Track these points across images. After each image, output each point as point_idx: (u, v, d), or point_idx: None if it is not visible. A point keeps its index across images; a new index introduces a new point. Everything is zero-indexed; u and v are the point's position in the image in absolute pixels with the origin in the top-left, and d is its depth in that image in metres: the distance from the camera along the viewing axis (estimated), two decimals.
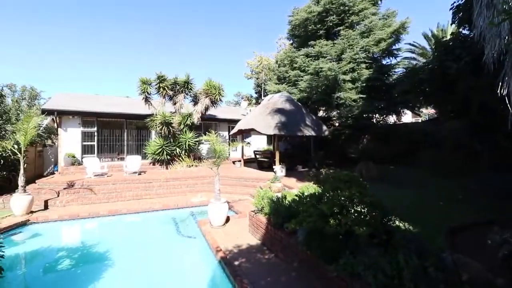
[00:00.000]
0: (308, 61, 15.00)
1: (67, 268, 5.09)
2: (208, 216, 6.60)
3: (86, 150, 12.63)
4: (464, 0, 6.78)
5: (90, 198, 8.95)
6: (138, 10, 62.05)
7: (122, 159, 12.84)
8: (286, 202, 5.07)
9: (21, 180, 7.59)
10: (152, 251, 5.77)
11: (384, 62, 15.39)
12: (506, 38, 3.17)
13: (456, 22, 7.39)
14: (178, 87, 13.38)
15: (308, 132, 11.52)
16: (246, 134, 15.66)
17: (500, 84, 3.35)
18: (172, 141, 13.26)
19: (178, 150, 13.20)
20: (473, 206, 5.75)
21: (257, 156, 14.09)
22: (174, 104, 13.59)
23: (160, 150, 12.91)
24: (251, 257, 4.71)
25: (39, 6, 48.15)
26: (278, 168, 10.72)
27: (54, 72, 59.19)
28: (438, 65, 7.19)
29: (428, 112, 25.94)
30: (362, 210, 3.37)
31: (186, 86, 13.36)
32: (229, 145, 8.71)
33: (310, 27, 15.63)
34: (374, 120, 14.67)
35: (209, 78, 13.57)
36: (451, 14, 7.31)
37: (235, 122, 14.67)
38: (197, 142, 13.84)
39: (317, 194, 4.16)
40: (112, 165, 12.20)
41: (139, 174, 11.30)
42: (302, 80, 14.80)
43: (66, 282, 4.47)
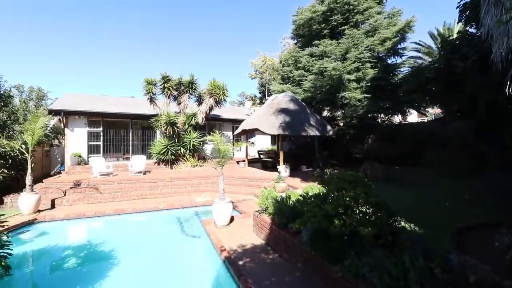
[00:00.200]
0: (312, 60, 14.94)
1: (74, 266, 5.15)
2: (212, 215, 6.63)
3: (92, 150, 12.77)
4: None
5: (96, 198, 9.05)
6: (142, 11, 62.54)
7: (128, 159, 12.96)
8: (291, 202, 5.07)
9: (28, 179, 7.72)
10: (157, 250, 5.82)
11: (389, 61, 15.26)
12: None
13: (463, 20, 7.28)
14: (182, 87, 13.44)
15: (312, 132, 11.48)
16: (250, 134, 15.67)
17: (508, 83, 3.30)
18: (176, 141, 13.33)
19: (182, 150, 13.27)
20: (479, 206, 5.67)
21: (261, 156, 14.09)
22: (179, 104, 13.66)
23: (165, 150, 12.99)
24: (255, 257, 4.72)
25: (43, 8, 48.85)
26: (282, 168, 10.70)
27: (61, 73, 60.03)
28: (444, 64, 7.10)
29: (434, 111, 25.65)
30: (367, 211, 3.35)
31: (190, 86, 13.41)
32: (233, 145, 8.73)
33: (315, 27, 15.57)
34: (379, 120, 14.56)
35: (213, 78, 13.64)
36: (458, 13, 7.21)
37: (239, 122, 14.68)
38: (201, 142, 13.90)
39: (321, 194, 4.14)
40: (117, 164, 12.32)
41: (144, 173, 11.39)
42: (306, 80, 14.75)
43: (72, 280, 4.53)
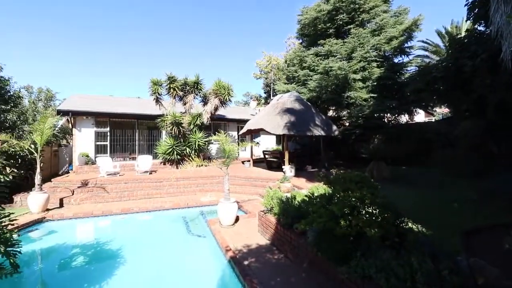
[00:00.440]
0: (317, 60, 14.87)
1: (81, 264, 5.23)
2: (217, 215, 6.65)
3: (99, 150, 12.94)
4: None
5: (103, 197, 9.16)
6: (147, 11, 63.09)
7: (134, 159, 13.08)
8: (296, 202, 5.05)
9: (37, 178, 7.86)
10: (162, 249, 5.86)
11: (396, 60, 15.09)
12: None
13: (471, 18, 7.15)
14: (188, 88, 13.51)
15: (317, 132, 11.41)
16: (255, 134, 15.67)
17: None
18: (182, 141, 13.41)
19: (188, 150, 13.34)
20: (489, 207, 5.57)
21: (266, 156, 14.08)
22: (184, 104, 13.74)
23: (170, 150, 13.08)
24: (261, 257, 4.72)
25: (48, 9, 49.67)
26: (288, 168, 10.67)
27: (69, 74, 60.98)
28: (452, 62, 6.99)
29: (441, 111, 25.29)
30: (374, 212, 3.32)
31: (195, 87, 13.47)
32: (238, 145, 8.73)
33: (320, 26, 15.49)
34: (386, 119, 14.41)
35: (218, 78, 13.68)
36: (466, 10, 7.08)
37: (244, 122, 14.70)
38: (206, 142, 13.96)
39: (327, 194, 4.12)
40: (124, 164, 12.46)
41: (150, 173, 11.49)
42: (311, 79, 14.68)
43: (80, 278, 4.59)
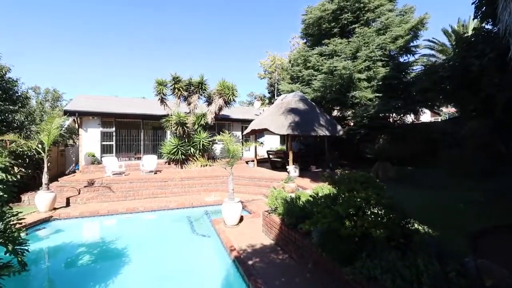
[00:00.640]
0: (322, 60, 14.80)
1: (87, 263, 5.29)
2: (222, 215, 6.66)
3: (105, 150, 13.07)
4: None
5: (109, 196, 9.25)
6: (150, 12, 63.51)
7: (139, 159, 13.19)
8: (300, 202, 5.04)
9: (45, 178, 7.96)
10: (168, 249, 5.90)
11: (401, 59, 14.96)
12: None
13: (478, 16, 7.05)
14: (192, 88, 13.57)
15: (322, 132, 11.37)
16: (259, 134, 15.68)
17: None
18: (186, 141, 13.48)
19: (192, 149, 13.40)
20: (497, 208, 5.49)
21: (270, 156, 14.07)
22: (189, 104, 13.80)
23: (175, 149, 13.16)
24: (265, 257, 4.71)
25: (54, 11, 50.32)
26: (292, 168, 10.65)
27: (75, 74, 61.73)
28: (459, 61, 6.90)
29: (448, 111, 24.99)
30: (379, 212, 3.29)
31: (200, 87, 13.53)
32: (242, 145, 8.74)
33: (324, 26, 15.43)
34: (391, 119, 14.29)
35: (222, 78, 13.71)
36: (474, 9, 6.98)
37: (248, 122, 14.72)
38: (211, 142, 14.01)
39: (332, 195, 4.10)
40: (129, 164, 12.56)
41: (155, 173, 11.57)
42: (315, 79, 14.62)
43: (86, 276, 4.64)
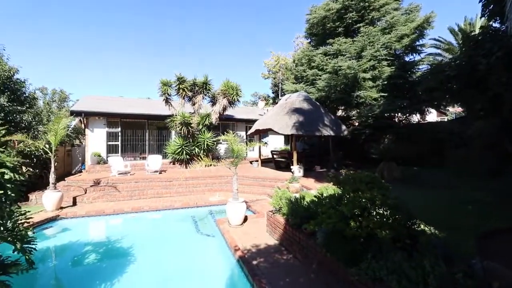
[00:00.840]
0: (326, 59, 14.74)
1: (94, 262, 5.35)
2: (226, 215, 6.68)
3: (111, 150, 13.20)
4: None
5: (114, 196, 9.35)
6: (154, 13, 63.93)
7: (144, 158, 13.29)
8: (305, 203, 5.02)
9: (52, 177, 8.07)
10: (172, 248, 5.94)
11: (407, 58, 14.81)
12: None
13: (486, 15, 6.96)
14: (196, 88, 13.63)
15: (326, 132, 11.32)
16: (263, 134, 15.67)
17: None
18: (191, 141, 13.54)
19: (197, 149, 13.46)
20: (505, 209, 5.41)
21: (274, 156, 14.06)
22: (193, 104, 13.87)
23: (179, 149, 13.23)
24: (269, 257, 4.71)
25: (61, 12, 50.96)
26: (296, 168, 10.63)
27: (82, 75, 62.50)
28: (466, 60, 6.80)
29: (454, 110, 24.68)
30: (385, 213, 3.27)
31: (204, 87, 13.58)
32: (246, 145, 8.74)
33: (329, 25, 15.36)
34: (396, 119, 14.17)
35: (226, 78, 13.75)
36: (481, 7, 6.89)
37: (253, 122, 14.72)
38: (215, 142, 14.06)
39: (336, 195, 4.08)
40: (134, 164, 12.66)
41: (160, 173, 11.65)
42: (320, 79, 14.56)
43: (92, 275, 4.70)
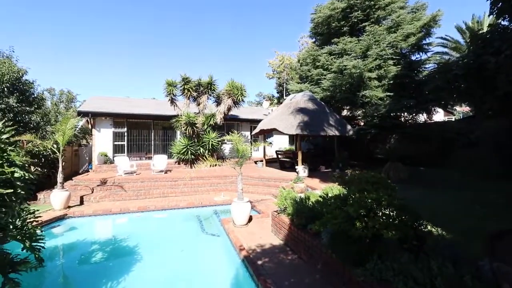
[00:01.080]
0: (331, 59, 14.66)
1: (100, 260, 5.41)
2: (231, 215, 6.70)
3: (117, 150, 13.35)
4: None
5: (121, 195, 9.44)
6: (159, 14, 64.37)
7: (150, 158, 13.40)
8: (310, 203, 5.01)
9: (59, 177, 8.19)
10: (177, 247, 5.96)
11: (413, 57, 14.61)
12: None
13: (494, 13, 6.83)
14: (201, 89, 13.69)
15: (331, 131, 11.26)
16: (268, 134, 15.67)
17: None
18: (196, 141, 13.61)
19: (201, 149, 13.52)
20: None
21: (279, 156, 14.04)
22: (198, 105, 13.93)
23: (184, 149, 13.30)
24: (274, 257, 4.71)
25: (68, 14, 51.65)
26: (301, 168, 10.60)
27: (88, 76, 63.32)
28: (474, 59, 6.69)
29: (462, 110, 24.34)
30: (391, 214, 3.24)
31: (209, 87, 13.63)
32: (251, 145, 8.75)
33: (334, 24, 15.27)
34: (402, 119, 14.01)
35: (231, 79, 13.79)
36: (489, 5, 6.78)
37: (257, 122, 14.73)
38: (220, 142, 14.10)
39: (342, 195, 4.05)
40: (140, 164, 12.78)
41: (165, 172, 11.73)
42: (325, 78, 14.49)
43: (99, 273, 4.75)
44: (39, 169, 9.57)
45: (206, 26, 67.76)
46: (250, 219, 6.82)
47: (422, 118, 14.75)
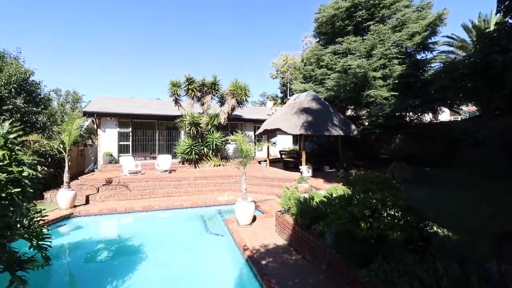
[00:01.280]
0: (335, 58, 14.61)
1: (106, 259, 5.46)
2: (235, 214, 6.70)
3: (122, 150, 13.46)
4: None
5: (126, 194, 9.52)
6: (162, 14, 64.69)
7: (154, 158, 13.50)
8: (314, 203, 4.99)
9: (66, 176, 8.28)
10: (181, 247, 5.98)
11: (418, 57, 14.51)
12: None
13: (501, 11, 6.74)
14: (205, 89, 13.74)
15: (335, 131, 11.21)
16: (271, 134, 15.65)
17: None
18: (200, 141, 13.66)
19: (205, 149, 13.56)
20: None
21: (283, 156, 14.02)
22: (202, 105, 13.98)
23: (189, 149, 13.37)
24: (278, 257, 4.71)
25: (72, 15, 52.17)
26: (305, 168, 10.56)
27: (91, 77, 63.95)
28: (481, 58, 6.61)
29: (468, 109, 24.04)
30: (396, 214, 3.21)
31: (213, 88, 13.67)
32: (255, 145, 8.75)
33: (338, 24, 15.21)
34: (408, 118, 13.88)
35: (235, 79, 13.80)
36: (496, 3, 6.69)
37: (261, 122, 14.73)
38: (223, 142, 14.14)
39: (346, 196, 4.04)
40: (145, 163, 12.86)
41: (170, 172, 11.79)
42: (329, 78, 14.44)
43: (104, 272, 4.80)
44: (46, 168, 9.69)
45: (206, 26, 67.83)
46: (254, 219, 6.82)
47: (428, 118, 14.59)
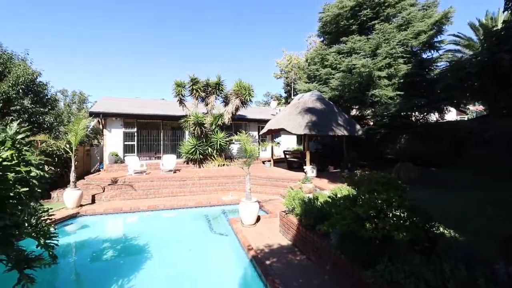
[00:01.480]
0: (340, 58, 14.52)
1: (111, 258, 5.52)
2: (239, 214, 6.71)
3: (127, 149, 13.58)
4: None
5: (131, 194, 9.60)
6: (164, 15, 65.02)
7: (159, 158, 13.58)
8: (318, 203, 4.97)
9: (72, 176, 8.38)
10: (186, 246, 6.01)
11: (424, 56, 14.34)
12: None
13: (509, 9, 6.64)
14: (209, 89, 13.80)
15: (340, 131, 11.16)
16: (275, 134, 15.63)
17: None
18: (204, 141, 13.71)
19: (210, 149, 13.61)
20: None
21: (287, 156, 14.00)
22: (206, 105, 14.04)
23: (193, 149, 13.43)
24: (283, 257, 4.70)
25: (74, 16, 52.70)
26: (309, 168, 10.53)
27: (100, 77, 64.60)
28: (488, 56, 6.52)
29: (475, 109, 23.72)
30: (402, 215, 3.19)
31: (217, 88, 13.72)
32: (259, 145, 8.76)
33: (342, 23, 15.12)
34: (413, 118, 13.75)
35: (239, 79, 13.85)
36: (504, 1, 6.60)
37: (265, 122, 14.73)
38: (228, 142, 14.18)
39: (351, 196, 4.02)
40: (150, 163, 12.96)
41: (174, 172, 11.86)
42: (333, 78, 14.36)
43: (110, 270, 4.84)
44: (53, 168, 9.82)
45: (206, 26, 67.96)
46: (258, 219, 6.82)
47: (434, 117, 14.42)
